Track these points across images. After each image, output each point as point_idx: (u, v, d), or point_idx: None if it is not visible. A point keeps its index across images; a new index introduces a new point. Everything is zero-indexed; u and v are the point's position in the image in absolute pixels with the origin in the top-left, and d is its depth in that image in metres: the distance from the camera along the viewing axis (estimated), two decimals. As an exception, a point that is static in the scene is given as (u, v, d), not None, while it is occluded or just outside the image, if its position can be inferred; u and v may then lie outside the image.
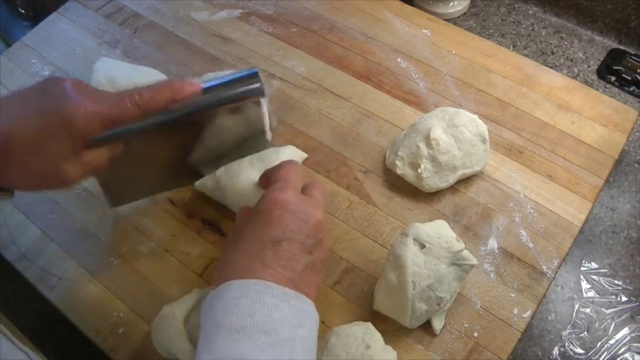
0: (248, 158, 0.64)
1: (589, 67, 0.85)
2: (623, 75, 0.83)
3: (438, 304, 0.56)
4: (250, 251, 0.45)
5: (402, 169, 0.67)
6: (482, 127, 0.67)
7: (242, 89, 0.54)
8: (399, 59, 0.81)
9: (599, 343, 0.63)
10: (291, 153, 0.70)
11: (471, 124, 0.66)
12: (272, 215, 0.46)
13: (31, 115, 0.46)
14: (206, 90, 0.52)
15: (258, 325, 0.40)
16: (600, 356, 0.62)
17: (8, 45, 0.92)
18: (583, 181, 0.68)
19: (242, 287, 0.42)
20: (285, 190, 0.48)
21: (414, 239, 0.56)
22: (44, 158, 0.47)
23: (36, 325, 0.67)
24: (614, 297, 0.66)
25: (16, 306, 0.69)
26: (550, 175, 0.68)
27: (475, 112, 0.71)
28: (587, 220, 0.66)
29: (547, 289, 0.61)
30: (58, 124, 0.46)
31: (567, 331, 0.64)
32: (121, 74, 0.75)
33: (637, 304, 0.65)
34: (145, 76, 0.76)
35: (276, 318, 0.41)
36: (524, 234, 0.64)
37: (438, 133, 0.65)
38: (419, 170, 0.66)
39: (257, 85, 0.54)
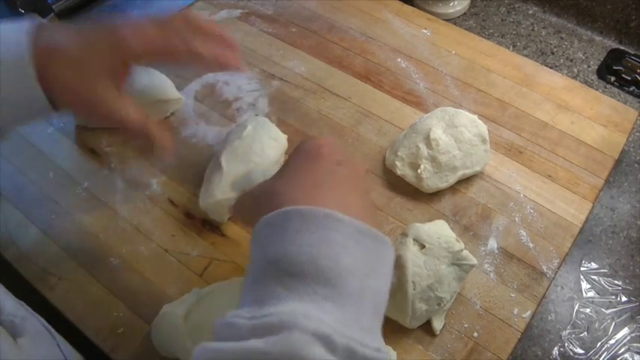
0: None
1: (589, 67, 0.85)
2: (623, 75, 0.83)
3: (438, 304, 0.56)
4: (306, 178, 0.38)
5: (401, 169, 0.67)
6: (482, 127, 0.67)
7: None
8: (399, 59, 0.81)
9: (599, 343, 0.63)
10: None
11: (470, 124, 0.66)
12: (321, 151, 0.41)
13: (83, 30, 0.47)
14: None
15: (319, 273, 0.32)
16: (600, 356, 0.62)
17: (8, 45, 0.92)
18: (583, 181, 0.68)
19: (305, 218, 0.34)
20: (324, 141, 0.43)
21: (414, 239, 0.56)
22: (83, 71, 0.46)
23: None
24: (614, 297, 0.66)
25: (16, 306, 0.68)
26: (550, 175, 0.68)
27: (475, 112, 0.71)
28: (587, 220, 0.66)
29: (547, 289, 0.61)
30: (106, 40, 0.46)
31: (567, 331, 0.64)
32: None
33: (637, 304, 0.65)
34: (145, 76, 0.76)
35: (345, 265, 0.33)
36: (524, 234, 0.64)
37: (438, 133, 0.65)
38: (419, 171, 0.66)
39: None
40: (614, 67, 0.84)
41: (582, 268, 0.68)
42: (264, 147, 0.66)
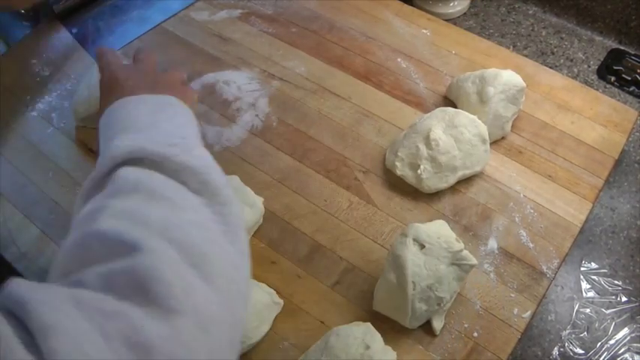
0: None
1: (589, 67, 0.85)
2: (623, 75, 0.83)
3: (438, 304, 0.56)
4: (111, 95, 0.53)
5: (401, 169, 0.67)
6: (482, 127, 0.67)
7: None
8: (399, 59, 0.81)
9: (599, 344, 0.63)
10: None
11: (470, 124, 0.66)
12: (118, 73, 0.56)
13: None
14: None
15: (122, 126, 0.47)
16: (600, 356, 0.62)
17: (8, 45, 0.92)
18: (583, 181, 0.68)
19: (106, 112, 0.49)
20: (131, 64, 0.61)
21: (414, 239, 0.56)
22: None
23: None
24: (614, 297, 0.66)
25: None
26: (550, 175, 0.68)
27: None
28: (587, 220, 0.66)
29: (547, 289, 0.61)
30: None
31: (567, 331, 0.64)
32: None
33: (637, 304, 0.65)
34: None
35: (136, 114, 0.48)
36: (524, 234, 0.64)
37: (438, 133, 0.65)
38: (418, 171, 0.66)
39: None
40: (614, 67, 0.84)
41: (582, 268, 0.68)
42: None
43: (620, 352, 0.62)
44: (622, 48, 0.86)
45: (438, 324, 0.57)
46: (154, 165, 0.40)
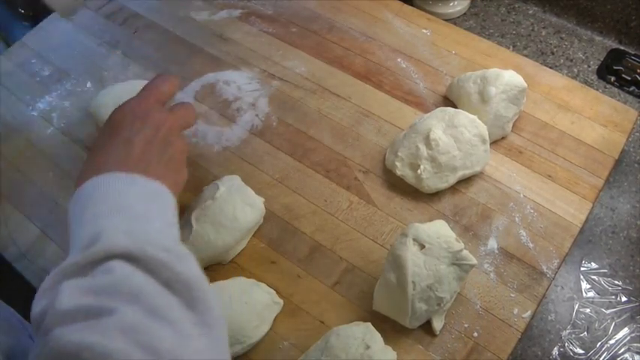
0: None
1: (589, 67, 0.85)
2: (623, 75, 0.83)
3: (438, 304, 0.56)
4: (104, 152, 0.49)
5: (401, 169, 0.67)
6: (482, 127, 0.67)
7: None
8: (399, 59, 0.81)
9: (599, 343, 0.63)
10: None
11: (470, 124, 0.66)
12: (124, 120, 0.52)
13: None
14: None
15: (112, 207, 0.44)
16: (600, 356, 0.62)
17: (8, 45, 0.92)
18: (583, 181, 0.68)
19: (94, 183, 0.46)
20: (137, 100, 0.54)
21: (414, 239, 0.56)
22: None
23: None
24: (614, 297, 0.66)
25: (15, 306, 0.68)
26: (550, 175, 0.68)
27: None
28: (587, 220, 0.66)
29: (547, 289, 0.61)
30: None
31: (567, 331, 0.64)
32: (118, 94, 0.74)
33: (637, 304, 0.65)
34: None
35: (129, 198, 0.45)
36: (524, 234, 0.64)
37: (438, 133, 0.65)
38: (418, 171, 0.66)
39: None
40: (614, 67, 0.84)
41: (582, 268, 0.68)
42: (235, 211, 0.63)
43: (620, 352, 0.62)
44: (622, 48, 0.86)
45: (438, 324, 0.57)
46: (151, 270, 0.40)
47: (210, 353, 0.39)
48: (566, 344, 0.63)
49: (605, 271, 0.68)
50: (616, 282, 0.67)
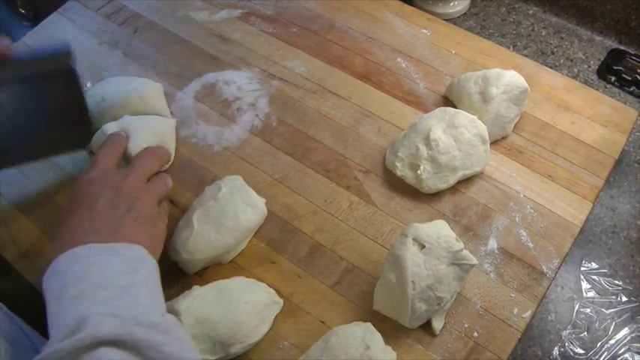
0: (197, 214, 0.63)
1: (589, 67, 0.85)
2: (623, 75, 0.83)
3: (438, 304, 0.56)
4: (70, 225, 0.49)
5: (401, 170, 0.67)
6: (482, 127, 0.67)
7: (48, 65, 0.55)
8: (399, 59, 0.81)
9: (599, 343, 0.63)
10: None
11: (470, 124, 0.66)
12: (82, 191, 0.53)
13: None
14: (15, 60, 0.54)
15: (93, 285, 0.43)
16: (600, 356, 0.62)
17: (8, 45, 0.92)
18: (583, 181, 0.68)
19: (69, 257, 0.45)
20: (90, 170, 0.55)
21: (414, 239, 0.56)
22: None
23: (36, 325, 0.67)
24: (614, 297, 0.66)
25: (16, 306, 0.68)
26: (550, 175, 0.68)
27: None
28: (587, 220, 0.66)
29: (547, 289, 0.61)
30: None
31: (567, 331, 0.64)
32: (112, 90, 0.74)
33: (637, 304, 0.65)
34: (139, 88, 0.75)
35: (109, 272, 0.44)
36: (524, 234, 0.64)
37: (438, 133, 0.65)
38: (418, 171, 0.66)
39: (66, 65, 0.55)
40: (614, 67, 0.84)
41: (582, 268, 0.68)
42: (237, 212, 0.63)
43: (620, 352, 0.62)
44: (622, 48, 0.86)
45: (438, 324, 0.57)
46: (140, 352, 0.40)
47: None
48: (566, 344, 0.63)
49: (605, 271, 0.68)
50: (616, 282, 0.67)
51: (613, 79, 0.83)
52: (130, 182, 0.54)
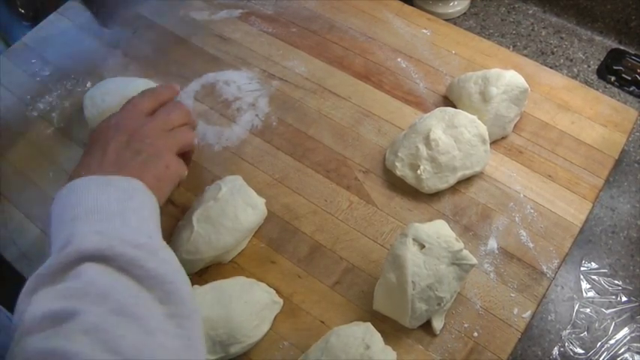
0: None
1: (589, 67, 0.85)
2: (623, 75, 0.83)
3: (438, 304, 0.56)
4: (80, 164, 0.53)
5: (401, 170, 0.67)
6: (482, 127, 0.67)
7: None
8: (399, 59, 0.81)
9: (599, 343, 0.63)
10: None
11: (470, 124, 0.66)
12: (100, 134, 0.56)
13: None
14: None
15: (87, 209, 0.46)
16: (600, 356, 0.62)
17: (8, 45, 0.92)
18: (583, 181, 0.68)
19: (70, 187, 0.49)
20: (117, 113, 0.59)
21: (414, 239, 0.56)
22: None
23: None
24: (614, 297, 0.66)
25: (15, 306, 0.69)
26: (550, 175, 0.68)
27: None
28: (587, 220, 0.66)
29: (547, 289, 0.61)
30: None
31: (567, 331, 0.64)
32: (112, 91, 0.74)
33: (637, 304, 0.65)
34: (139, 88, 0.75)
35: (104, 198, 0.47)
36: (524, 234, 0.64)
37: (438, 133, 0.65)
38: (418, 172, 0.66)
39: None
40: (614, 67, 0.84)
41: (582, 268, 0.68)
42: (237, 212, 0.63)
43: (620, 352, 0.62)
44: (622, 48, 0.86)
45: (438, 324, 0.57)
46: (122, 267, 0.41)
47: (180, 345, 0.40)
48: (566, 344, 0.63)
49: (605, 271, 0.68)
50: (616, 282, 0.67)
51: (613, 79, 0.83)
52: (146, 129, 0.56)
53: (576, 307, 0.66)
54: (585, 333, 0.64)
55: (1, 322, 0.57)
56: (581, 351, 0.63)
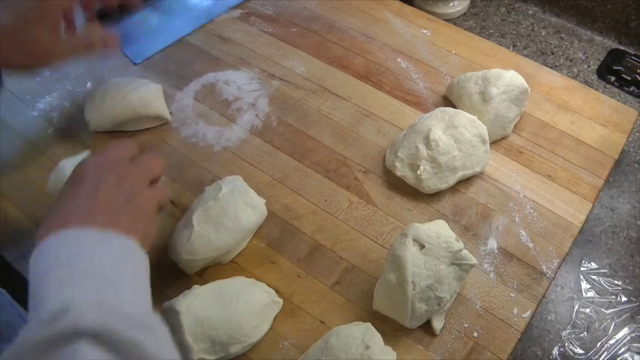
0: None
1: (589, 67, 0.85)
2: (623, 75, 0.83)
3: (438, 304, 0.56)
4: (67, 205, 0.47)
5: (401, 170, 0.67)
6: (482, 127, 0.67)
7: None
8: (399, 59, 0.81)
9: (599, 343, 0.63)
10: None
11: (470, 124, 0.66)
12: (86, 173, 0.50)
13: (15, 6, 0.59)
14: None
15: (82, 272, 0.41)
16: (600, 356, 0.62)
17: (8, 45, 0.92)
18: (583, 181, 0.68)
19: (61, 238, 0.43)
20: (100, 155, 0.53)
21: (414, 239, 0.56)
22: (29, 37, 0.58)
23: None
24: (613, 297, 0.66)
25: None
26: (550, 175, 0.68)
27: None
28: (587, 220, 0.66)
29: (547, 289, 0.61)
30: (35, 10, 0.59)
31: (567, 331, 0.64)
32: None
33: (637, 304, 0.65)
34: (139, 88, 0.75)
35: (100, 260, 0.42)
36: (524, 234, 0.64)
37: (438, 133, 0.65)
38: (418, 172, 0.66)
39: None
40: (614, 67, 0.84)
41: (582, 268, 0.68)
42: (237, 212, 0.62)
43: (620, 352, 0.62)
44: (622, 48, 0.87)
45: (438, 324, 0.57)
46: (120, 351, 0.38)
47: None
48: (566, 344, 0.63)
49: (605, 271, 0.68)
50: (616, 282, 0.67)
51: (613, 79, 0.83)
52: (135, 175, 0.52)
53: (576, 307, 0.66)
54: (585, 333, 0.64)
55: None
56: (581, 351, 0.63)
